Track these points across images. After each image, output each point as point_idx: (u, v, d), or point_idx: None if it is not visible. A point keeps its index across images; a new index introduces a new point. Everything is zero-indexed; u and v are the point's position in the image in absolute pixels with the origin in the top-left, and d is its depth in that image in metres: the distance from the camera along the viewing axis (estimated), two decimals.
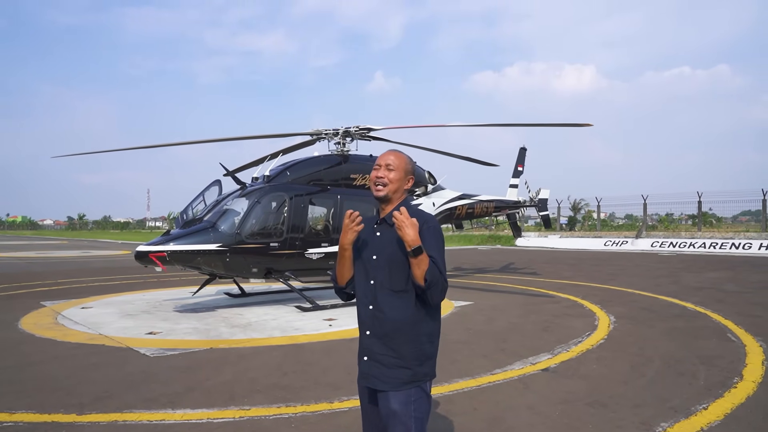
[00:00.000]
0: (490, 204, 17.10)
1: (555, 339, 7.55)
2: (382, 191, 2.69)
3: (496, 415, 4.66)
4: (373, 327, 2.63)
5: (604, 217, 47.37)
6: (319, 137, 12.34)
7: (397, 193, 2.71)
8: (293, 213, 10.57)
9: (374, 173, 2.73)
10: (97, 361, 6.55)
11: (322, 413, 4.72)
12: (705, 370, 5.94)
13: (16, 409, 4.79)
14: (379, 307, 2.61)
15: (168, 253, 9.43)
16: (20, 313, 9.80)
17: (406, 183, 2.75)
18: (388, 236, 2.67)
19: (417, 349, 2.60)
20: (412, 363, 2.58)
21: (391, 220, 2.66)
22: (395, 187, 2.70)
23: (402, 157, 2.76)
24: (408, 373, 2.57)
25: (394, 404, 2.53)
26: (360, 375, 2.70)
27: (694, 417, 4.56)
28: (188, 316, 9.60)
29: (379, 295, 2.62)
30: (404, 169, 2.74)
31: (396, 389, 2.55)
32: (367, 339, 2.65)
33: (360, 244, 2.73)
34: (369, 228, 2.75)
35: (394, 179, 2.70)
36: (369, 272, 2.67)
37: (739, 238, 29.08)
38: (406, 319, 2.59)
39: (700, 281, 14.85)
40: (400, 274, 2.60)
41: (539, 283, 14.79)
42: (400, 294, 2.60)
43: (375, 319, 2.62)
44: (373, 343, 2.62)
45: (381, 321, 2.60)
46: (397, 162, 2.72)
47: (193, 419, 4.57)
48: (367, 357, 2.64)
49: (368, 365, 2.63)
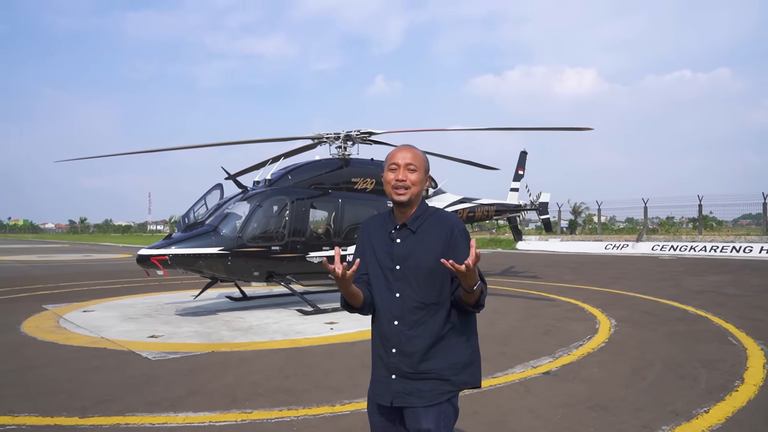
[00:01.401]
0: (491, 208, 17.11)
1: (556, 342, 7.56)
2: (404, 195, 2.40)
3: (498, 419, 4.67)
4: (400, 344, 2.38)
5: (604, 220, 47.38)
6: (321, 141, 12.37)
7: (418, 196, 2.45)
8: (295, 217, 10.59)
9: (392, 175, 2.43)
10: (99, 364, 6.56)
11: (323, 416, 4.73)
12: (706, 374, 5.95)
13: (19, 412, 4.80)
14: (407, 323, 2.38)
15: (170, 256, 9.45)
16: (22, 316, 9.81)
17: (425, 184, 2.49)
18: (411, 244, 2.42)
19: (452, 360, 2.40)
20: (446, 373, 2.38)
21: (413, 226, 2.43)
22: (417, 191, 2.43)
23: (420, 155, 2.47)
24: (444, 385, 2.37)
25: (426, 423, 2.33)
26: (382, 393, 2.44)
27: (696, 420, 4.56)
28: (190, 319, 9.62)
29: (407, 309, 2.38)
30: (425, 169, 2.47)
31: (429, 403, 2.34)
32: (393, 357, 2.39)
33: (375, 251, 2.49)
34: (383, 232, 2.50)
35: (416, 181, 2.42)
36: (392, 284, 2.42)
37: (740, 242, 29.06)
38: (439, 335, 2.38)
39: (701, 285, 14.84)
40: (430, 286, 2.38)
41: (540, 286, 14.78)
42: (431, 307, 2.38)
43: (402, 336, 2.38)
44: (400, 361, 2.38)
45: (410, 338, 2.37)
46: (417, 161, 2.44)
47: (195, 422, 4.58)
48: (395, 375, 2.39)
49: (398, 383, 2.39)
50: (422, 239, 2.42)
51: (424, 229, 2.44)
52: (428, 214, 2.48)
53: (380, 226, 2.53)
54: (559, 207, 40.78)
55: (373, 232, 2.54)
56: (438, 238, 2.40)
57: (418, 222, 2.45)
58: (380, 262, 2.46)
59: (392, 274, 2.42)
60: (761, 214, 32.16)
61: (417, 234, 2.43)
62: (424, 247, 2.40)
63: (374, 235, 2.52)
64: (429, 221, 2.45)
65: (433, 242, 2.40)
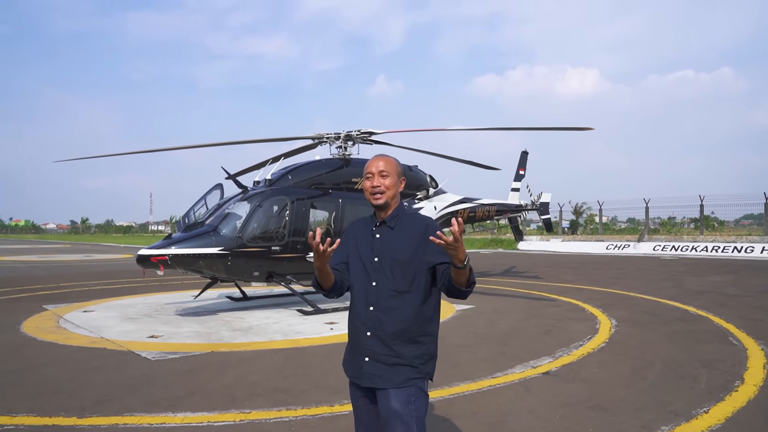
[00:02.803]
0: (492, 208, 17.10)
1: (556, 342, 7.54)
2: (380, 199, 2.72)
3: (497, 419, 4.65)
4: (375, 328, 2.65)
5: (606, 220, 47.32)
6: (321, 141, 12.36)
7: (394, 198, 2.75)
8: (295, 217, 10.58)
9: (368, 183, 2.75)
10: (99, 364, 6.56)
11: (322, 416, 4.72)
12: (706, 374, 5.93)
13: (18, 412, 4.80)
14: (381, 309, 2.64)
15: (170, 256, 9.45)
16: (22, 316, 9.82)
17: (400, 186, 2.79)
18: (389, 239, 2.71)
19: (420, 348, 2.64)
20: (414, 361, 2.61)
21: (392, 223, 2.72)
22: (392, 193, 2.74)
23: (391, 161, 2.79)
24: (411, 371, 2.60)
25: (395, 403, 2.55)
26: (357, 375, 2.73)
27: (695, 420, 4.55)
28: (190, 319, 9.61)
29: (381, 296, 2.65)
30: (397, 173, 2.78)
31: (398, 387, 2.57)
32: (368, 340, 2.67)
33: (359, 246, 2.77)
34: (366, 230, 2.79)
35: (389, 185, 2.73)
36: (370, 274, 2.69)
37: (741, 242, 29.02)
38: (410, 320, 2.62)
39: (701, 285, 14.82)
40: (403, 275, 2.64)
41: (541, 286, 14.77)
42: (403, 295, 2.64)
43: (377, 320, 2.65)
44: (374, 344, 2.65)
45: (383, 322, 2.63)
46: (389, 167, 2.75)
47: (194, 422, 4.58)
48: (368, 358, 2.66)
49: (370, 365, 2.65)
50: (398, 235, 2.70)
51: (401, 226, 2.73)
52: (404, 214, 2.78)
53: (364, 227, 2.83)
54: (561, 207, 40.76)
55: (358, 232, 2.83)
56: (413, 235, 2.67)
57: (395, 220, 2.75)
58: (361, 255, 2.75)
59: (371, 265, 2.70)
60: (763, 215, 32.11)
61: (394, 230, 2.71)
62: (400, 241, 2.68)
63: (359, 234, 2.82)
64: (405, 220, 2.75)
65: (408, 238, 2.68)
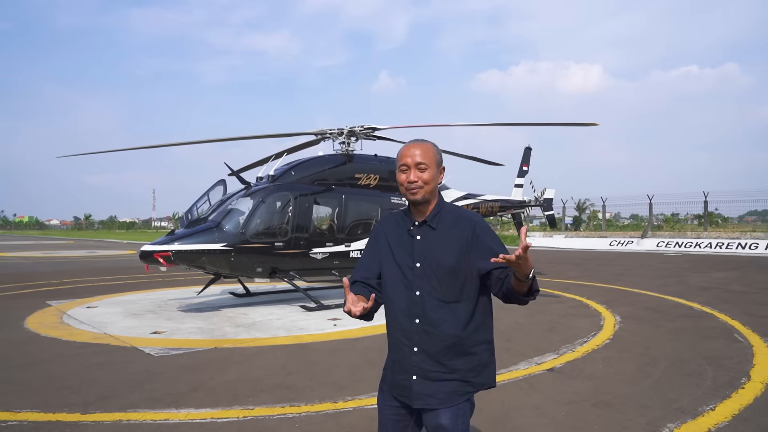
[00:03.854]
0: (495, 204, 17.04)
1: (560, 339, 7.51)
2: (418, 194, 2.36)
3: (502, 416, 4.63)
4: (422, 342, 2.35)
5: (609, 217, 47.14)
6: (324, 137, 12.32)
7: (433, 192, 2.41)
8: (298, 212, 10.56)
9: (404, 176, 2.39)
10: (102, 360, 6.55)
11: (326, 413, 4.70)
12: (712, 371, 5.90)
13: (21, 408, 4.80)
14: (428, 321, 2.34)
15: (172, 252, 9.44)
16: (26, 312, 9.83)
17: (440, 177, 2.43)
18: (432, 241, 2.38)
19: (473, 360, 2.39)
20: (468, 375, 2.37)
21: (433, 223, 2.39)
22: (431, 188, 2.39)
23: (430, 149, 2.40)
24: (465, 386, 2.37)
25: (444, 420, 2.31)
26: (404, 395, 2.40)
27: (702, 418, 4.52)
28: (193, 315, 9.61)
29: (428, 307, 2.34)
30: (436, 162, 2.40)
31: (449, 404, 2.33)
32: (415, 356, 2.36)
33: (393, 248, 2.45)
34: (400, 229, 2.47)
35: (428, 179, 2.37)
36: (411, 282, 2.37)
37: (746, 238, 28.88)
38: (462, 332, 2.35)
39: (706, 281, 14.76)
40: (452, 283, 2.34)
41: (544, 282, 14.72)
42: (452, 305, 2.35)
43: (425, 334, 2.35)
44: (423, 360, 2.35)
45: (433, 336, 2.34)
46: (427, 158, 2.37)
47: (197, 419, 4.56)
48: (416, 376, 2.35)
49: (420, 385, 2.35)
50: (443, 236, 2.38)
51: (443, 224, 2.40)
52: (445, 209, 2.44)
53: (397, 225, 2.50)
54: (564, 203, 40.69)
55: (390, 231, 2.50)
56: (459, 237, 2.36)
57: (437, 218, 2.41)
58: (398, 259, 2.42)
59: (412, 272, 2.38)
60: (767, 211, 31.97)
61: (437, 231, 2.39)
62: (444, 244, 2.36)
63: (391, 234, 2.49)
64: (448, 218, 2.41)
65: (454, 240, 2.36)
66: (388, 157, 12.59)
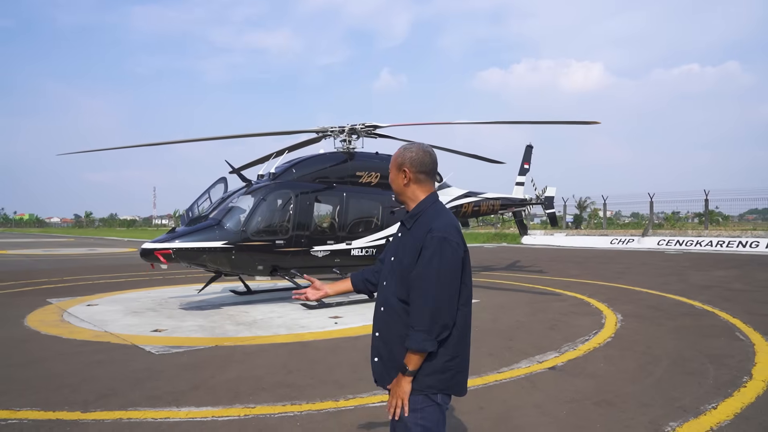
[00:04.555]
0: (496, 202, 17.03)
1: (562, 337, 7.50)
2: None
3: (503, 414, 4.62)
4: (381, 330, 2.55)
5: (610, 215, 47.10)
6: (325, 134, 12.31)
7: (403, 194, 2.61)
8: (299, 210, 10.55)
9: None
10: (102, 358, 6.55)
11: (327, 411, 4.69)
12: (714, 370, 5.88)
13: (21, 406, 4.79)
14: (387, 312, 2.52)
15: (173, 250, 9.43)
16: (26, 310, 9.82)
17: (404, 177, 2.58)
18: (403, 240, 2.55)
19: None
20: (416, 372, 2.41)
21: (408, 224, 2.54)
22: (396, 189, 2.64)
23: (393, 156, 2.65)
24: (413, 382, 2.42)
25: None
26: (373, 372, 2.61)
27: (704, 417, 4.51)
28: (194, 313, 9.60)
29: (388, 299, 2.52)
30: (395, 165, 2.62)
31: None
32: (376, 340, 2.57)
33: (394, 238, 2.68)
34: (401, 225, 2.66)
35: (391, 180, 2.66)
36: (386, 272, 2.59)
37: (746, 237, 28.85)
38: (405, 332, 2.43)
39: (707, 280, 14.74)
40: (404, 284, 2.45)
41: (545, 281, 14.72)
42: (403, 304, 2.46)
43: (383, 322, 2.54)
44: (380, 346, 2.54)
45: (387, 324, 2.51)
46: (391, 162, 2.65)
47: (198, 417, 4.56)
48: (377, 358, 2.56)
49: (379, 366, 2.55)
50: (409, 238, 2.51)
51: (416, 227, 2.51)
52: (425, 213, 2.53)
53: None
54: (565, 201, 40.65)
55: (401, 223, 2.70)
56: (417, 240, 2.45)
57: (412, 219, 2.55)
58: (387, 250, 2.69)
59: (389, 264, 2.59)
60: None
61: (410, 231, 2.53)
62: (407, 246, 2.49)
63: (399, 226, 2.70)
64: (422, 221, 2.51)
65: (414, 243, 2.46)
66: (389, 155, 12.57)
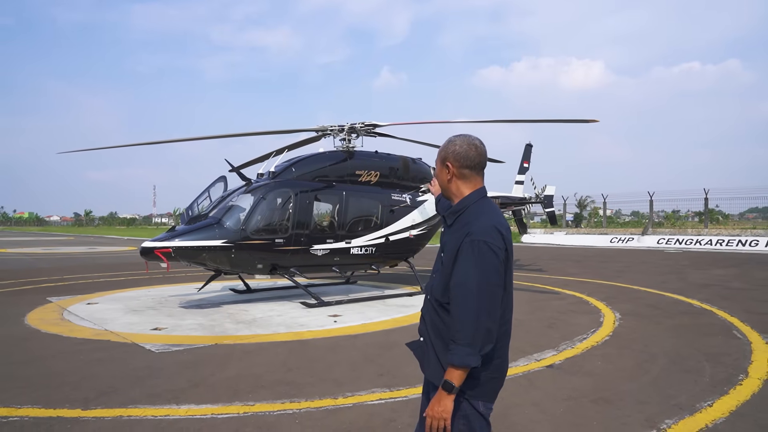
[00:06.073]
0: (496, 201, 17.04)
1: (560, 336, 7.53)
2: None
3: (501, 412, 4.64)
4: (425, 316, 2.50)
5: (610, 213, 47.12)
6: (325, 133, 12.32)
7: (447, 189, 2.50)
8: (298, 209, 10.57)
9: None
10: (103, 356, 6.58)
11: (326, 409, 4.72)
12: (710, 368, 5.92)
13: (22, 403, 4.82)
14: (433, 303, 2.44)
15: (173, 249, 9.44)
16: (26, 308, 9.85)
17: (447, 172, 2.46)
18: (445, 237, 2.46)
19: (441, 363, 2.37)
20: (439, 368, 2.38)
21: (450, 220, 2.45)
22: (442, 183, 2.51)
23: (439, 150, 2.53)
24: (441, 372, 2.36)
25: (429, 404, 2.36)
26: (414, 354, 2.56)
27: (699, 414, 4.54)
28: (193, 312, 9.63)
29: (432, 291, 2.46)
30: (441, 158, 2.50)
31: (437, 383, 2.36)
32: (422, 324, 2.51)
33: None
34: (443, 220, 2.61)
35: (436, 175, 2.57)
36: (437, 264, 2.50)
37: (746, 235, 28.89)
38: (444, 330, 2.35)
39: (706, 278, 14.77)
40: (442, 283, 2.37)
41: (545, 279, 14.75)
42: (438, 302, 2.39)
43: (425, 310, 2.50)
44: (423, 330, 2.49)
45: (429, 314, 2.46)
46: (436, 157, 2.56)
47: (198, 414, 4.59)
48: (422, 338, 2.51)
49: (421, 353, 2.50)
50: (450, 237, 2.39)
51: (456, 225, 2.39)
52: (468, 210, 2.39)
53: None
54: (565, 200, 40.65)
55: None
56: (456, 241, 2.33)
57: (453, 216, 2.44)
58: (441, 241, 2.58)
59: (439, 258, 2.49)
60: None
61: (451, 228, 2.42)
62: (447, 245, 2.39)
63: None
64: (464, 219, 2.37)
65: (453, 244, 2.34)
66: (388, 154, 12.60)
